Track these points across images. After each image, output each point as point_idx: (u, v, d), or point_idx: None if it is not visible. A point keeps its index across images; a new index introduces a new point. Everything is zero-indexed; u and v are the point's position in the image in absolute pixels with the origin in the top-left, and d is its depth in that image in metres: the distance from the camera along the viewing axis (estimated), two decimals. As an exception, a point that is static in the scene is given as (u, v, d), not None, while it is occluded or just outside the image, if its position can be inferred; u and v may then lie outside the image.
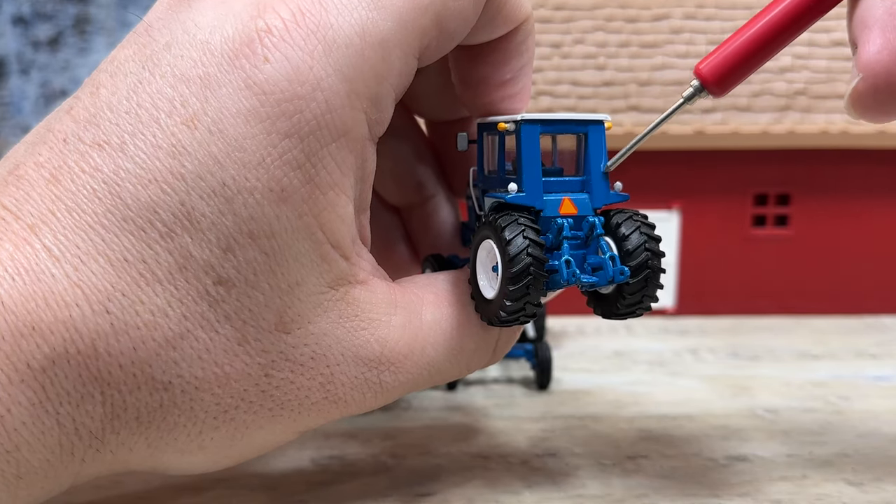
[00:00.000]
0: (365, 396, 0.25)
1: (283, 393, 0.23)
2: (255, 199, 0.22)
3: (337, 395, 0.24)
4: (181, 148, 0.21)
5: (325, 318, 0.24)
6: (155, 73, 0.22)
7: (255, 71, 0.22)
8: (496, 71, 0.28)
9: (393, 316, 0.25)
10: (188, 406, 0.22)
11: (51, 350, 0.20)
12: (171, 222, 0.21)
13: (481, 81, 0.28)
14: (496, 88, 0.28)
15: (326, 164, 0.23)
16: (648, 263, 0.25)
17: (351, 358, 0.24)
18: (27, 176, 0.22)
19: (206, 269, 0.22)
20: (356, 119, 0.23)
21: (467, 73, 0.28)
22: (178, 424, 0.22)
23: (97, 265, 0.21)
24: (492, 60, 0.28)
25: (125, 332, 0.21)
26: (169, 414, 0.22)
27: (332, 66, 0.22)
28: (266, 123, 0.22)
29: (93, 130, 0.22)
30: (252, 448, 0.25)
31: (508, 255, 0.24)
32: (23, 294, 0.20)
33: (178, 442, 0.23)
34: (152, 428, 0.22)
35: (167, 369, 0.22)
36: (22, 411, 0.20)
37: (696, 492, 0.30)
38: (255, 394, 0.23)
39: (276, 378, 0.23)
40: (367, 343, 0.24)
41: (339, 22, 0.22)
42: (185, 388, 0.22)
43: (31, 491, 0.21)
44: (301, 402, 0.24)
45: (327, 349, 0.24)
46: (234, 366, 0.22)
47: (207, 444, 0.23)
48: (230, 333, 0.22)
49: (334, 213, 0.23)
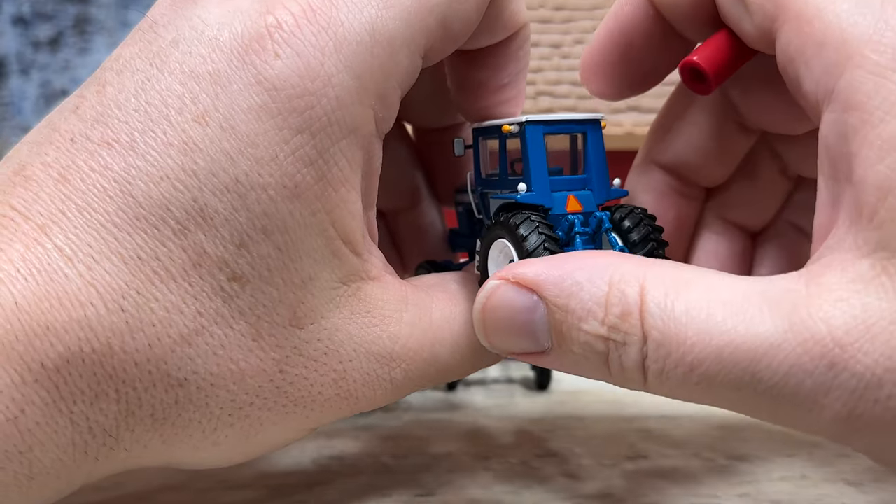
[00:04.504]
0: (376, 393, 0.25)
1: (297, 389, 0.24)
2: (268, 195, 0.22)
3: (349, 391, 0.24)
4: (193, 145, 0.21)
5: (337, 314, 0.24)
6: (163, 70, 0.22)
7: (265, 67, 0.22)
8: (494, 75, 0.28)
9: (404, 313, 0.25)
10: (203, 402, 0.22)
11: (65, 349, 0.20)
12: (184, 219, 0.21)
13: (479, 86, 0.28)
14: (493, 93, 0.28)
15: (338, 161, 0.23)
16: (655, 253, 0.26)
17: (363, 354, 0.24)
18: (35, 176, 0.22)
19: (220, 266, 0.22)
20: (365, 116, 0.23)
21: (465, 78, 0.29)
22: (193, 421, 0.23)
23: (110, 264, 0.21)
24: (490, 65, 0.28)
25: (140, 329, 0.21)
26: (184, 411, 0.22)
27: (343, 63, 0.22)
28: (277, 119, 0.22)
29: (101, 129, 0.22)
30: (265, 445, 0.25)
31: (526, 251, 0.24)
32: (36, 294, 0.20)
33: (193, 438, 0.23)
34: (167, 425, 0.22)
35: (182, 366, 0.22)
36: (35, 411, 0.20)
37: (696, 492, 0.30)
38: (270, 390, 0.23)
39: (290, 374, 0.23)
40: (379, 339, 0.24)
41: (349, 19, 0.22)
42: (201, 385, 0.22)
43: (43, 492, 0.21)
44: (314, 398, 0.24)
45: (340, 345, 0.24)
46: (248, 361, 0.23)
47: (222, 441, 0.23)
48: (245, 329, 0.22)
49: (346, 210, 0.23)
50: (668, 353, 0.21)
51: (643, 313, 0.21)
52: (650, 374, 0.21)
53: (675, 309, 0.21)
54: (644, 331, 0.21)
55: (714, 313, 0.20)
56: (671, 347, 0.20)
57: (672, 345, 0.20)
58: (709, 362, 0.20)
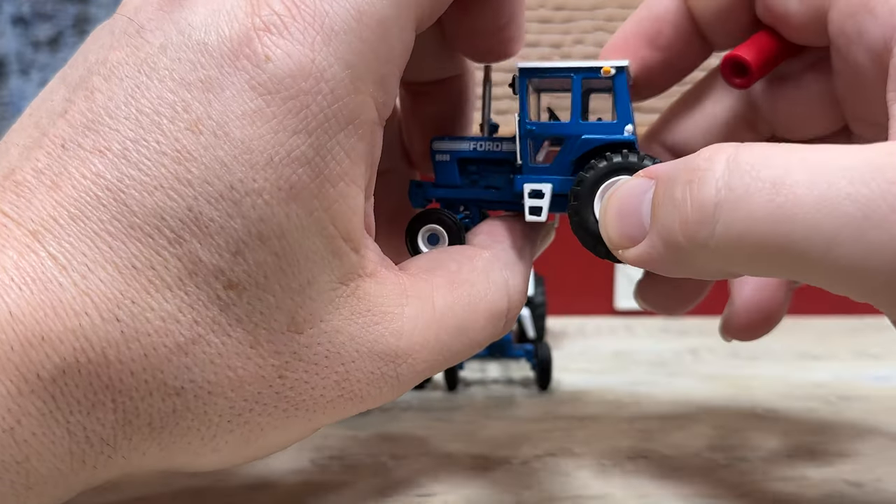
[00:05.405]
0: (381, 391, 0.25)
1: (298, 393, 0.23)
2: (263, 199, 0.21)
3: (353, 391, 0.24)
4: (186, 153, 0.21)
5: (337, 316, 0.23)
6: (153, 78, 0.22)
7: (257, 71, 0.21)
8: (492, 19, 0.28)
9: (405, 307, 0.25)
10: (202, 410, 0.22)
11: (61, 360, 0.20)
12: (178, 228, 0.21)
13: (478, 32, 0.28)
14: (494, 34, 0.28)
15: (336, 155, 0.22)
16: None
17: (366, 354, 0.24)
18: (27, 182, 0.21)
19: (215, 274, 0.21)
20: (363, 104, 0.23)
21: (462, 26, 0.28)
22: (192, 429, 0.22)
23: (105, 273, 0.21)
24: (486, 9, 0.28)
25: (136, 339, 0.21)
26: (182, 419, 0.22)
27: (334, 56, 0.22)
28: (273, 123, 0.21)
29: (92, 136, 0.22)
30: (267, 448, 0.24)
31: None
32: (31, 304, 0.20)
33: (192, 446, 0.23)
34: (165, 433, 0.22)
35: (179, 375, 0.21)
36: (32, 422, 0.20)
37: (696, 492, 0.30)
38: (269, 396, 0.23)
39: (290, 379, 0.23)
40: (382, 337, 0.24)
41: (334, 8, 0.22)
42: (198, 393, 0.22)
43: (41, 500, 0.21)
44: (316, 400, 0.24)
45: (341, 346, 0.23)
46: (247, 369, 0.22)
47: (222, 447, 0.23)
48: (242, 336, 0.22)
49: (345, 205, 0.23)
50: (745, 183, 0.21)
51: (728, 158, 0.21)
52: (724, 205, 0.21)
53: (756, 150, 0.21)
54: (726, 162, 0.21)
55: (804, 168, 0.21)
56: (747, 177, 0.21)
57: (748, 176, 0.21)
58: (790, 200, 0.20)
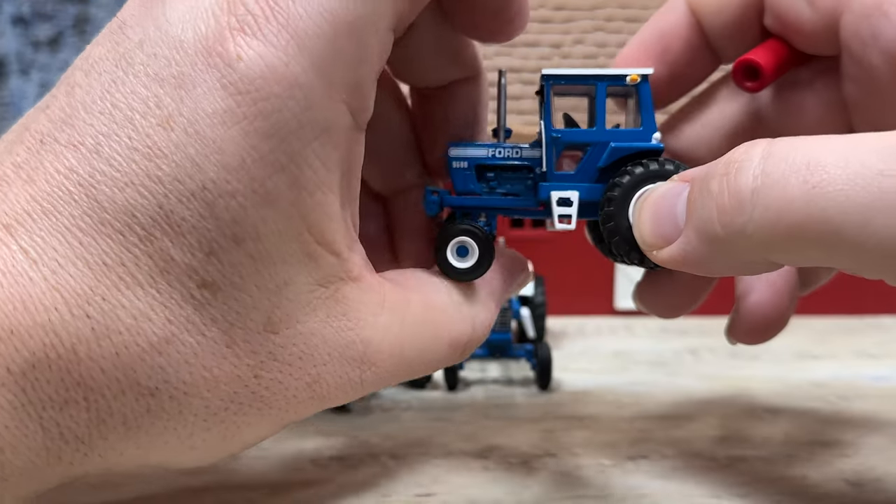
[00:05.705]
0: (346, 393, 0.25)
1: (272, 393, 0.23)
2: (237, 202, 0.21)
3: (322, 393, 0.24)
4: (157, 150, 0.21)
5: (313, 318, 0.23)
6: (129, 73, 0.22)
7: (229, 70, 0.21)
8: (488, 3, 0.27)
9: (379, 317, 0.25)
10: (177, 411, 0.22)
11: (30, 354, 0.20)
12: (149, 225, 0.21)
13: (477, 20, 0.28)
14: (493, 18, 0.28)
15: (311, 163, 0.22)
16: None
17: (337, 357, 0.24)
18: (6, 176, 0.21)
19: (188, 273, 0.21)
20: (337, 111, 0.22)
21: (460, 17, 0.28)
22: (168, 429, 0.22)
23: (75, 268, 0.21)
24: None
25: (107, 336, 0.21)
26: (157, 419, 0.22)
27: (307, 61, 0.21)
28: (244, 124, 0.21)
29: (68, 131, 0.21)
30: (242, 444, 0.24)
31: None
32: (0, 297, 0.20)
33: (169, 445, 0.23)
34: (141, 433, 0.22)
35: (153, 375, 0.21)
36: (4, 415, 0.20)
37: (696, 492, 0.30)
38: (245, 395, 0.23)
39: (265, 379, 0.23)
40: (353, 343, 0.24)
41: (307, 12, 0.22)
42: (173, 394, 0.22)
43: (18, 492, 0.21)
44: (288, 400, 0.24)
45: (314, 349, 0.24)
46: (222, 369, 0.22)
47: (199, 445, 0.23)
48: (218, 336, 0.22)
49: (322, 214, 0.23)
50: (781, 168, 0.21)
51: (763, 149, 0.22)
52: (761, 191, 0.21)
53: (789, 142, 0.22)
54: (762, 152, 0.22)
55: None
56: (783, 163, 0.21)
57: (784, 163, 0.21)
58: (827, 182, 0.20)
